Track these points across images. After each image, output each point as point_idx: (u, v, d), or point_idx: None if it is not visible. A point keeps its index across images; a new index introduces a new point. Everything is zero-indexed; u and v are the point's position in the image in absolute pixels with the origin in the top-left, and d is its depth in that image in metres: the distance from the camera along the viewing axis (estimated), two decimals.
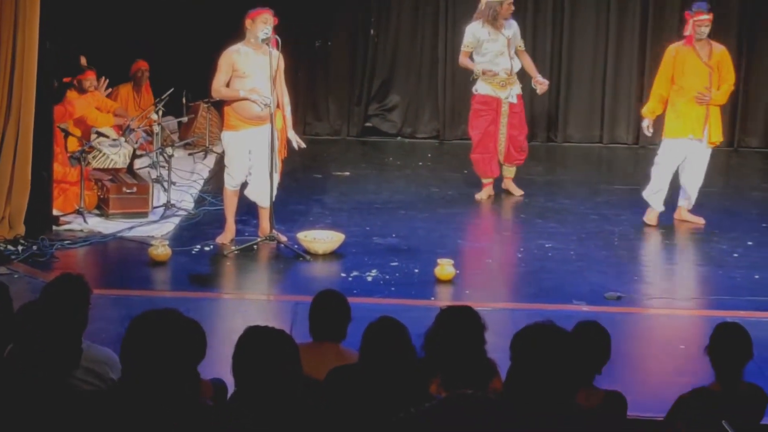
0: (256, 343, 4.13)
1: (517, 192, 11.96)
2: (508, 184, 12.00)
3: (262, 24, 9.56)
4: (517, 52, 11.79)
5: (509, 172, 11.98)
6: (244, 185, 9.92)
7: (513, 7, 11.69)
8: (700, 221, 10.95)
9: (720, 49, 10.73)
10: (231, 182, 9.92)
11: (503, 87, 11.62)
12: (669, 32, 15.14)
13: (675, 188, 10.97)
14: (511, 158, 11.85)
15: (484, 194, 11.77)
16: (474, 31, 11.59)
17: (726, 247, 10.34)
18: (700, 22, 10.52)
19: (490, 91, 11.62)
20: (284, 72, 9.92)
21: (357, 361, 5.04)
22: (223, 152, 10.23)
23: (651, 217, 10.92)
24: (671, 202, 11.03)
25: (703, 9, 10.55)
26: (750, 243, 10.48)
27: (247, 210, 10.23)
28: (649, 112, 10.98)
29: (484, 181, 11.82)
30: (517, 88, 11.78)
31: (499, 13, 11.50)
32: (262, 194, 9.85)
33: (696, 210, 11.67)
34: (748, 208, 11.93)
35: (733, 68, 10.92)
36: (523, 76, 12.04)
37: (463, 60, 11.77)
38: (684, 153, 10.78)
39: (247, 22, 9.62)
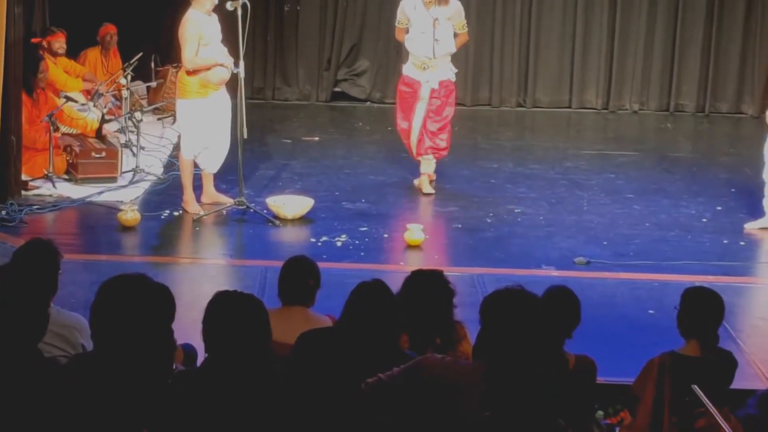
0: (225, 307, 4.13)
1: (426, 190, 10.69)
2: (422, 180, 10.75)
3: None
4: (456, 35, 10.66)
5: (425, 164, 10.72)
6: None
7: None
8: None
9: None
10: (191, 150, 9.88)
11: (423, 69, 10.50)
12: None
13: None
14: (419, 149, 10.64)
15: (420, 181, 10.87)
16: (404, 6, 10.53)
17: (695, 212, 10.39)
18: None
19: (412, 71, 10.61)
20: (252, 36, 9.85)
21: (329, 325, 5.04)
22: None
23: (754, 224, 9.99)
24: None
25: None
26: (719, 208, 10.54)
27: (224, 173, 10.20)
28: None
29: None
30: (441, 74, 10.56)
31: None
32: (217, 160, 9.95)
33: (664, 175, 11.73)
34: (717, 173, 11.98)
35: None
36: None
37: (398, 36, 10.79)
38: None
39: None
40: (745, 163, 12.41)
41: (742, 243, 9.53)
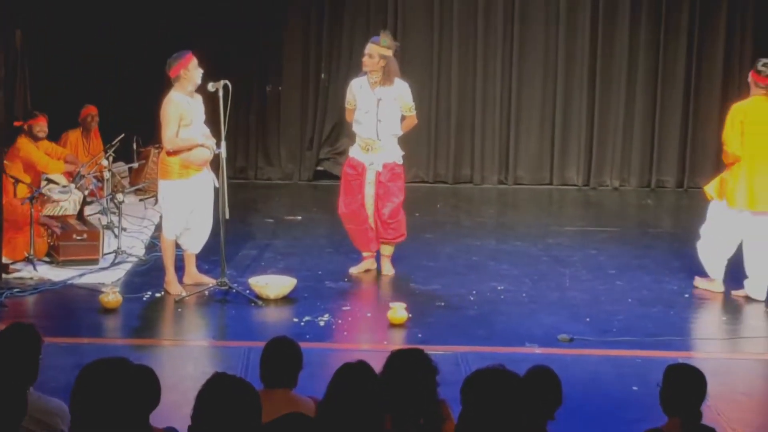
0: (219, 392, 4.09)
1: (386, 271, 10.56)
2: (383, 261, 10.60)
3: (194, 69, 9.59)
4: (404, 117, 10.35)
5: (384, 249, 10.58)
6: None
7: (376, 62, 10.10)
8: None
9: None
10: (173, 231, 9.88)
11: (367, 151, 10.33)
12: (617, 74, 15.35)
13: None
14: (380, 235, 10.48)
15: (359, 268, 10.64)
16: (351, 86, 10.37)
17: (677, 288, 10.41)
18: None
19: (357, 153, 10.41)
20: (235, 116, 9.90)
21: (311, 407, 5.01)
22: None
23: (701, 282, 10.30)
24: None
25: None
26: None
27: (206, 253, 10.20)
28: None
29: (363, 254, 10.69)
30: (386, 156, 10.29)
31: (364, 65, 10.28)
32: (199, 240, 9.99)
33: (646, 251, 11.78)
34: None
35: None
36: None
37: (347, 117, 10.58)
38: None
39: (182, 71, 9.55)
40: None
41: (724, 318, 9.55)
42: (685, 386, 5.23)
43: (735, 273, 10.11)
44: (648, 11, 15.29)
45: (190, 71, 9.57)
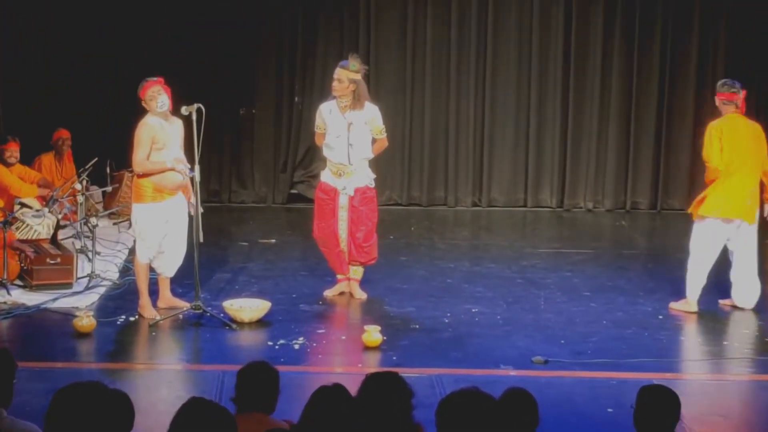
0: (194, 417, 4.07)
1: (358, 295, 10.53)
2: (352, 285, 10.58)
3: (152, 100, 9.58)
4: (375, 140, 10.37)
5: (353, 272, 10.57)
6: None
7: (346, 87, 10.14)
8: None
9: None
10: (147, 255, 9.87)
11: (339, 176, 10.32)
12: (590, 97, 15.42)
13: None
14: (351, 257, 10.48)
15: (334, 291, 10.63)
16: (321, 110, 10.38)
17: (651, 309, 10.45)
18: None
19: (329, 178, 10.40)
20: (209, 139, 9.89)
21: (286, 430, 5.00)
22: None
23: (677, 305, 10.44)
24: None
25: None
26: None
27: (180, 277, 10.18)
28: None
29: (338, 276, 10.68)
30: (358, 181, 10.30)
31: (333, 89, 10.30)
32: (173, 264, 9.97)
33: (620, 272, 11.83)
34: (672, 269, 12.05)
35: None
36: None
37: (317, 141, 10.61)
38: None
39: (148, 93, 9.59)
40: None
41: (698, 339, 9.59)
42: (658, 408, 5.25)
43: (718, 286, 10.20)
44: (621, 35, 15.37)
45: (147, 100, 9.60)
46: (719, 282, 10.43)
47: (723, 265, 10.33)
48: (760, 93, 15.24)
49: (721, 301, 10.38)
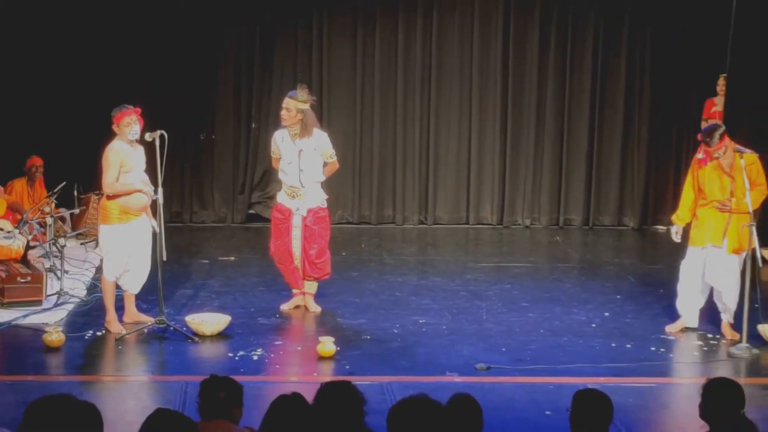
0: (160, 426, 4.05)
1: (312, 308, 10.54)
2: (306, 299, 10.59)
3: (126, 127, 9.56)
4: (325, 164, 10.37)
5: (308, 286, 10.58)
6: None
7: (294, 116, 10.13)
8: (735, 336, 9.73)
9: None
10: (113, 273, 9.82)
11: (293, 198, 10.36)
12: (527, 122, 15.50)
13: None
14: (305, 273, 10.49)
15: (290, 304, 10.63)
16: (275, 137, 10.42)
17: (585, 318, 10.50)
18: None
19: (284, 200, 10.45)
20: (171, 164, 9.86)
21: None
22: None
23: (674, 326, 10.10)
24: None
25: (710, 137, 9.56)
26: (606, 314, 10.67)
27: (144, 293, 10.12)
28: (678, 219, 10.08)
29: (293, 291, 10.68)
30: (310, 202, 10.33)
31: (282, 119, 10.30)
32: (138, 281, 9.92)
33: (556, 284, 11.89)
34: (603, 281, 12.16)
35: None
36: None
37: (273, 165, 10.66)
38: (703, 262, 9.83)
39: (114, 126, 9.58)
40: (628, 271, 12.67)
41: (628, 346, 9.64)
42: (593, 410, 5.28)
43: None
44: (554, 64, 15.47)
45: (121, 126, 9.58)
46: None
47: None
48: (685, 108, 15.39)
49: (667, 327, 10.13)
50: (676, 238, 10.06)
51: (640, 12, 15.38)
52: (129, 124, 9.56)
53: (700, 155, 9.80)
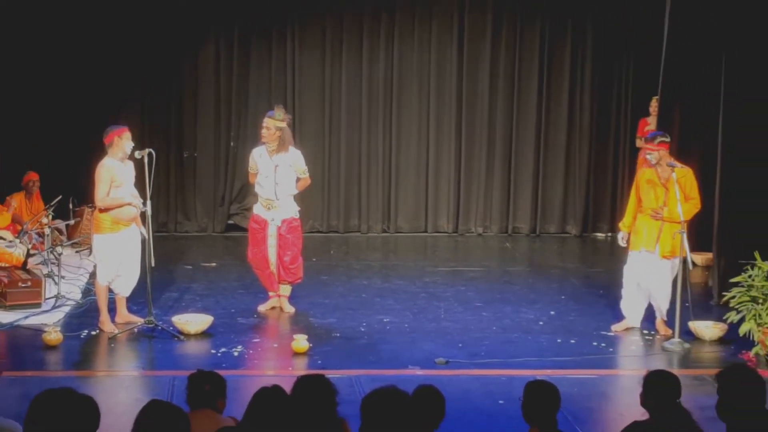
0: (154, 415, 4.04)
1: (287, 309, 10.51)
2: (282, 301, 10.56)
3: (126, 140, 9.55)
4: (299, 179, 10.38)
5: (283, 289, 10.56)
6: None
7: (273, 134, 10.16)
8: (668, 332, 9.73)
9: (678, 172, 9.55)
10: (106, 278, 9.78)
11: (269, 209, 10.35)
12: (479, 137, 15.53)
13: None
14: (280, 277, 10.47)
15: (266, 306, 10.59)
16: (253, 154, 10.40)
17: (533, 317, 10.54)
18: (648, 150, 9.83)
19: (260, 211, 10.43)
20: (158, 179, 9.82)
21: (232, 425, 4.97)
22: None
23: (619, 326, 10.05)
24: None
25: (651, 138, 9.77)
26: (552, 312, 10.71)
27: (135, 296, 10.06)
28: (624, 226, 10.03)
29: (269, 294, 10.65)
30: (285, 213, 10.33)
31: (262, 137, 10.33)
32: (128, 285, 9.88)
33: (506, 286, 11.92)
34: (549, 283, 12.21)
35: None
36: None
37: (250, 180, 10.58)
38: (640, 265, 9.83)
39: (114, 139, 9.52)
40: (571, 274, 12.73)
41: (572, 341, 9.68)
42: (542, 399, 5.29)
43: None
44: (504, 83, 15.45)
45: (122, 140, 9.55)
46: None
47: None
48: (621, 127, 15.48)
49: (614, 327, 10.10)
50: (622, 243, 10.07)
51: (580, 36, 15.37)
52: (128, 138, 9.55)
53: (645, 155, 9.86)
